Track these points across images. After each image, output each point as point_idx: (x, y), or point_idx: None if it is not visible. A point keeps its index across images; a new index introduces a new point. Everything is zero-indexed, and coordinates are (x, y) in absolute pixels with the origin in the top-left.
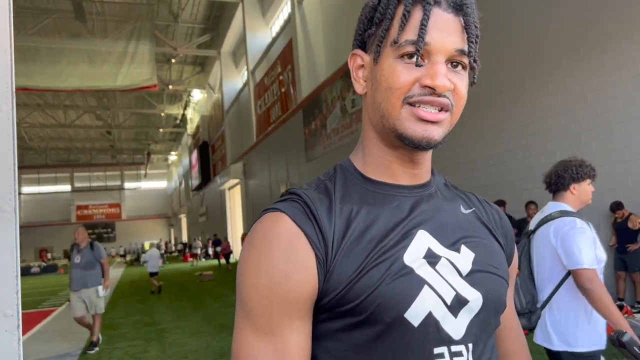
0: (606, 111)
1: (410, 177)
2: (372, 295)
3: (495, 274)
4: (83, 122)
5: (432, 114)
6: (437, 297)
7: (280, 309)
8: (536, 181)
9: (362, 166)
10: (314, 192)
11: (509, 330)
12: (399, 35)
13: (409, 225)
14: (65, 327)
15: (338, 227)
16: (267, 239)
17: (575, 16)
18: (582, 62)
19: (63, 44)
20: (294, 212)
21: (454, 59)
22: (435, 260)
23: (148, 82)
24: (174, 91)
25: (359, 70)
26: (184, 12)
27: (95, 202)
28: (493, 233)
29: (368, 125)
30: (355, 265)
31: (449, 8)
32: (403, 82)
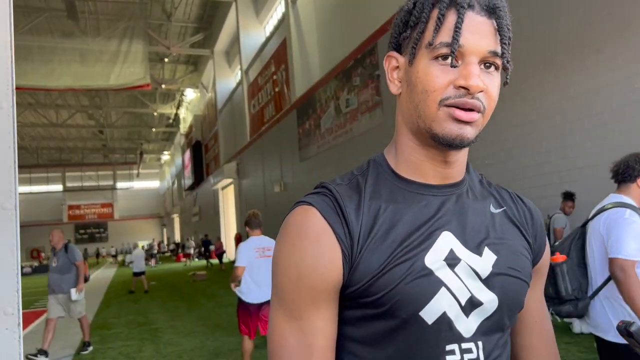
0: (601, 111)
1: (441, 177)
2: (392, 291)
3: (516, 276)
4: (75, 122)
5: (467, 114)
6: (453, 298)
7: (307, 297)
8: (532, 180)
9: (394, 163)
10: (345, 187)
11: (533, 325)
12: (434, 38)
13: (434, 226)
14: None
15: (365, 224)
16: (297, 231)
17: (570, 17)
18: (576, 62)
19: (55, 43)
20: (324, 207)
21: (487, 60)
22: (455, 262)
23: (141, 81)
24: (167, 90)
25: (393, 72)
26: (177, 11)
27: (87, 201)
28: (522, 232)
29: (401, 125)
30: (379, 262)
31: (482, 11)
32: (439, 85)
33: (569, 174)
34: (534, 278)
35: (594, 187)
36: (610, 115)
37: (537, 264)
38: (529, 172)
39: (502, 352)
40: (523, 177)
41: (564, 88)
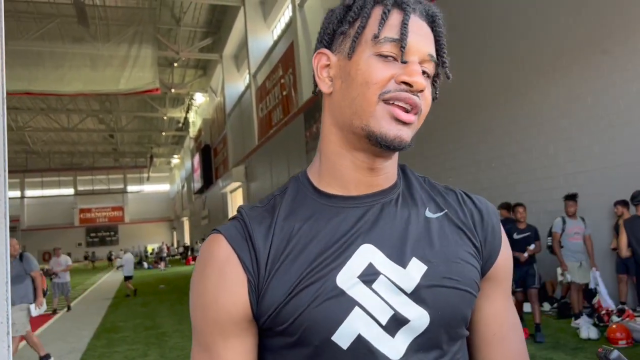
0: (608, 113)
1: (366, 186)
2: (299, 318)
3: (454, 287)
4: (86, 126)
5: (406, 115)
6: (370, 318)
7: (214, 329)
8: (538, 183)
9: (316, 178)
10: (259, 210)
11: (491, 338)
12: (379, 32)
13: (350, 240)
14: (66, 330)
15: (275, 247)
16: (203, 261)
17: (576, 17)
18: (583, 63)
19: (66, 49)
20: (232, 233)
21: (424, 65)
22: (373, 278)
23: (150, 85)
24: (177, 95)
25: (323, 70)
26: (185, 16)
27: (98, 205)
28: (468, 235)
29: (330, 128)
30: (287, 287)
31: (422, 17)
32: (380, 77)
33: (576, 177)
34: (487, 286)
35: (602, 190)
36: (618, 117)
37: (490, 270)
38: (536, 175)
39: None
40: (530, 180)
41: (570, 89)
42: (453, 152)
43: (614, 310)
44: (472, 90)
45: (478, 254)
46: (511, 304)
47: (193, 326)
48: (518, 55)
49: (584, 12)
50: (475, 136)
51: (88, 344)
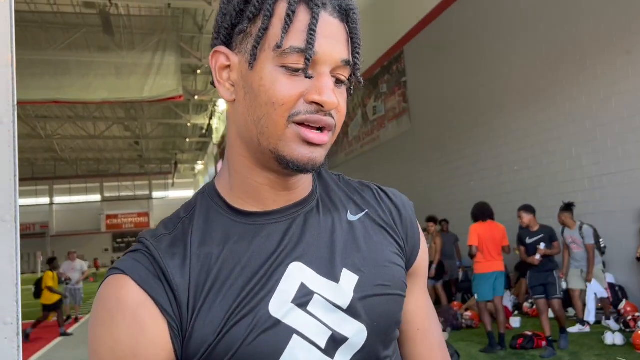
0: (632, 114)
1: (284, 201)
2: (234, 358)
3: (386, 293)
4: (112, 133)
5: (319, 136)
6: (309, 343)
7: None
8: (561, 187)
9: (227, 192)
10: (167, 238)
11: (416, 333)
12: (283, 40)
13: (279, 260)
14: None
15: (195, 282)
16: (109, 309)
17: (599, 18)
18: (606, 64)
19: (92, 58)
20: (141, 272)
21: (337, 72)
22: (308, 299)
23: (174, 93)
24: (200, 101)
25: (223, 72)
26: (208, 23)
27: (124, 211)
28: (390, 233)
29: (236, 140)
30: (215, 326)
31: (334, 12)
32: (287, 97)
33: (601, 180)
34: (410, 282)
35: (627, 192)
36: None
37: (412, 266)
38: (558, 178)
39: None
40: (552, 184)
41: (593, 91)
42: (475, 156)
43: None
44: (493, 93)
45: (402, 252)
46: (428, 295)
47: None
48: (540, 57)
49: (607, 13)
50: (497, 139)
51: None
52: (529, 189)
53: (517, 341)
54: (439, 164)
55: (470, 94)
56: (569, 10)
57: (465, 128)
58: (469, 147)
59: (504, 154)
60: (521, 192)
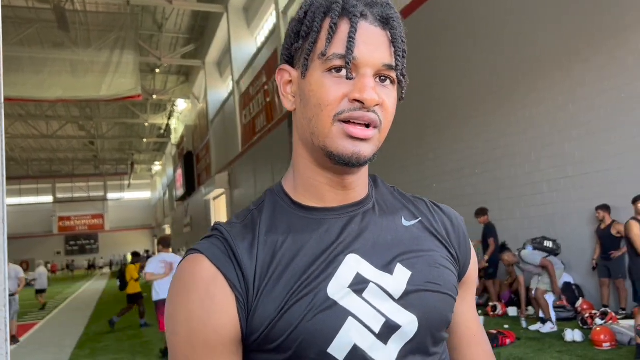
0: (589, 120)
1: (341, 199)
2: (293, 333)
3: (437, 291)
4: (66, 133)
5: (362, 131)
6: (363, 327)
7: (201, 354)
8: (521, 189)
9: (292, 190)
10: (238, 226)
11: (471, 338)
12: (327, 48)
13: (338, 250)
14: (47, 340)
15: (261, 264)
16: (185, 284)
17: (558, 27)
18: (564, 72)
19: (46, 54)
20: (214, 252)
21: (382, 73)
22: (363, 286)
23: (132, 92)
24: (158, 101)
25: (287, 86)
26: (168, 22)
27: (77, 213)
28: (442, 242)
29: (298, 144)
30: (277, 303)
31: (375, 22)
32: (332, 99)
33: (559, 183)
34: (463, 291)
35: (583, 195)
36: (598, 124)
37: (465, 275)
38: (519, 181)
39: None
40: (512, 186)
41: (552, 97)
42: (437, 159)
43: (597, 313)
44: (455, 97)
45: (455, 261)
46: (475, 305)
47: (174, 353)
48: (501, 63)
49: (566, 23)
50: (459, 143)
51: (71, 355)
52: (490, 191)
53: None
54: (400, 167)
55: (432, 99)
56: (530, 19)
57: (427, 131)
58: (431, 150)
59: (465, 157)
60: (482, 194)
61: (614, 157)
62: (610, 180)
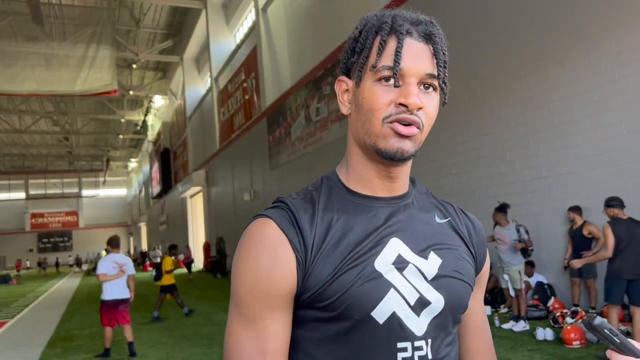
0: (563, 122)
1: (387, 190)
2: (344, 295)
3: (460, 279)
4: (39, 128)
5: (406, 129)
6: (402, 298)
7: (262, 303)
8: (496, 189)
9: (345, 179)
10: (300, 201)
11: (475, 329)
12: (377, 61)
13: (383, 233)
14: (17, 339)
15: (318, 233)
16: (255, 241)
17: (533, 30)
18: (539, 74)
19: (19, 47)
20: (280, 218)
21: (425, 82)
22: (404, 265)
23: (108, 87)
24: (135, 97)
25: (344, 94)
26: (145, 17)
27: (51, 210)
28: (465, 242)
29: (352, 142)
30: (331, 268)
31: (419, 38)
32: (381, 104)
33: (533, 183)
34: (475, 286)
35: (556, 195)
36: (571, 126)
37: (480, 273)
38: (494, 181)
39: (450, 351)
40: (488, 187)
41: (527, 99)
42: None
43: (567, 312)
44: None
45: (473, 258)
46: (483, 303)
47: (236, 302)
48: (476, 65)
49: (541, 26)
50: (436, 143)
51: (41, 354)
52: (466, 191)
53: None
54: None
55: None
56: (505, 21)
57: None
58: None
59: (442, 158)
60: (458, 194)
61: (587, 158)
62: (584, 182)
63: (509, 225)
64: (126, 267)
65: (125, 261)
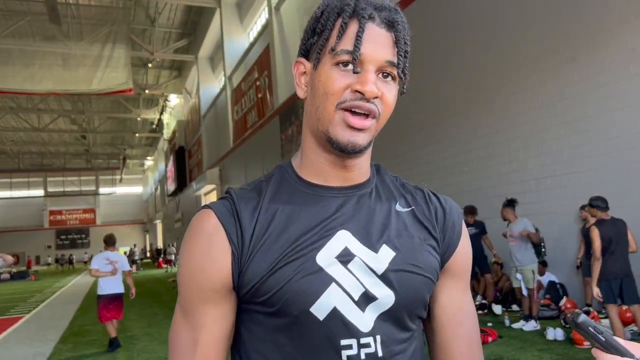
0: (576, 119)
1: (342, 179)
2: (281, 290)
3: (417, 273)
4: (57, 126)
5: (359, 121)
6: (344, 293)
7: (196, 295)
8: (508, 188)
9: (299, 167)
10: (248, 191)
11: (445, 323)
12: (336, 44)
13: (330, 225)
14: (32, 334)
15: (260, 225)
16: (192, 232)
17: (546, 26)
18: (552, 70)
19: (37, 47)
20: (221, 209)
21: (384, 70)
22: (349, 258)
23: (124, 86)
24: (151, 96)
25: (301, 77)
26: (161, 16)
27: (69, 207)
28: (429, 230)
29: (306, 129)
30: (270, 262)
31: (382, 24)
32: (337, 88)
33: (546, 182)
34: (445, 277)
35: (570, 194)
36: (585, 123)
37: (448, 262)
38: (505, 180)
39: (406, 348)
40: (500, 185)
41: (540, 96)
42: (424, 157)
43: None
44: (443, 96)
45: (438, 247)
46: (469, 298)
47: (179, 293)
48: (489, 62)
49: (554, 20)
50: (447, 141)
51: (54, 348)
52: (478, 189)
53: None
54: (389, 165)
55: (420, 97)
56: (517, 16)
57: (415, 129)
58: (419, 148)
59: (453, 155)
60: (470, 192)
61: (601, 156)
62: (597, 180)
63: (517, 221)
64: (119, 264)
65: (119, 258)
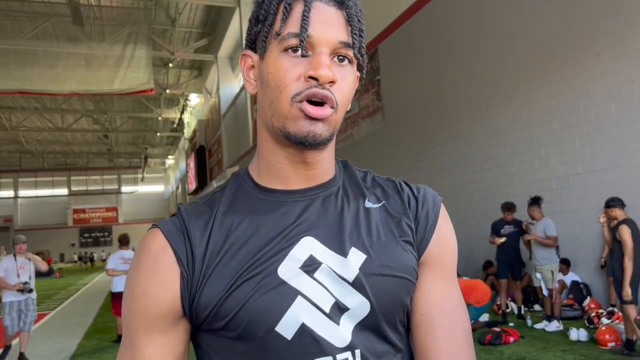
0: (600, 116)
1: (304, 180)
2: (241, 311)
3: (392, 275)
4: (80, 126)
5: (317, 110)
6: (313, 306)
7: (139, 322)
8: (529, 186)
9: (256, 173)
10: (199, 205)
11: (420, 319)
12: (282, 28)
13: (293, 234)
14: (56, 330)
15: (213, 243)
16: (137, 254)
17: (569, 20)
18: (575, 66)
19: (60, 48)
20: (169, 228)
21: (339, 52)
22: (315, 267)
23: (145, 86)
24: (171, 95)
25: (250, 71)
26: (181, 16)
27: (92, 205)
28: (402, 223)
29: (260, 126)
30: (226, 282)
31: (330, 2)
32: (289, 79)
33: (568, 180)
34: (421, 270)
35: (592, 192)
36: (609, 120)
37: (423, 253)
38: (527, 178)
39: (393, 357)
40: (521, 183)
41: (562, 92)
42: (446, 154)
43: (604, 312)
44: (464, 92)
45: (413, 240)
46: (451, 290)
47: (122, 321)
48: (511, 58)
49: (577, 15)
50: (468, 138)
51: (78, 345)
52: (498, 187)
53: (486, 337)
54: (412, 162)
55: (443, 93)
56: (540, 11)
57: (438, 127)
58: (440, 145)
59: (474, 153)
60: (490, 190)
61: (625, 153)
62: (622, 178)
63: (540, 221)
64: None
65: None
